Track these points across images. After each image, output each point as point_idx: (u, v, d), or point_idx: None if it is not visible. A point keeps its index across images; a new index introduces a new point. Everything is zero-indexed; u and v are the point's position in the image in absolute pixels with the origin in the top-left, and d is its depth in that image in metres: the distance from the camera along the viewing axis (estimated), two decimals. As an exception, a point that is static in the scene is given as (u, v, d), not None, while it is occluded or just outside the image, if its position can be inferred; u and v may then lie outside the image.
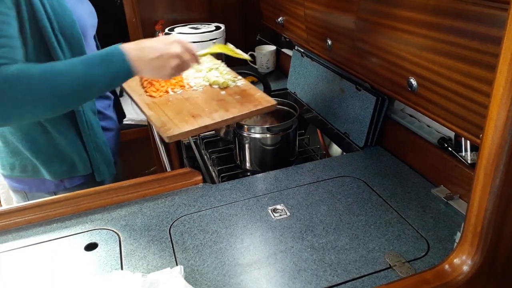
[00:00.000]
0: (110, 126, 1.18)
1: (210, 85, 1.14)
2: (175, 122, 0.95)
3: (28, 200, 1.09)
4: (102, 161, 1.09)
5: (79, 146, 1.05)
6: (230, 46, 1.13)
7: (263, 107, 1.03)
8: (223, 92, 1.09)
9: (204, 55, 1.03)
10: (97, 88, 0.86)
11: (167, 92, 1.10)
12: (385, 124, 1.13)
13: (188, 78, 1.15)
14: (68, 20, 0.94)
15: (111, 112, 1.20)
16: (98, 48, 1.20)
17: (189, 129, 0.94)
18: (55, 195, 1.08)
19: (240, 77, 1.17)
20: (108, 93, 1.20)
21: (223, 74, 1.17)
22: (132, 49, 0.86)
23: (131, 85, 1.15)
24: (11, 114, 0.78)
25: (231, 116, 0.98)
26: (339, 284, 0.71)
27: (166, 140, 0.93)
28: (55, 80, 0.79)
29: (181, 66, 0.89)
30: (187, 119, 0.97)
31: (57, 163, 1.05)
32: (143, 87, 1.13)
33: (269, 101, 1.05)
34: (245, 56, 1.10)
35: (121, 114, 1.32)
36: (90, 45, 1.09)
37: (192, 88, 1.13)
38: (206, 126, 0.96)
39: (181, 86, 1.12)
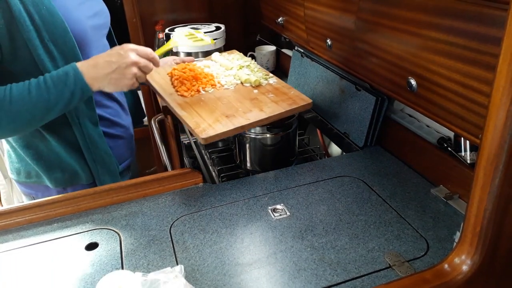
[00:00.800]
0: (119, 133, 1.15)
1: (242, 83, 1.11)
2: (209, 123, 0.94)
3: None
4: (105, 172, 1.07)
5: (79, 157, 1.04)
6: (191, 31, 1.10)
7: (298, 106, 1.00)
8: (255, 91, 1.07)
9: (160, 53, 1.01)
10: (56, 110, 0.88)
11: (198, 91, 1.08)
12: (385, 124, 1.13)
13: (218, 77, 1.13)
14: (59, 29, 0.91)
15: (120, 118, 1.16)
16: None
17: (224, 130, 0.92)
18: None
19: (271, 74, 1.15)
20: (118, 98, 1.16)
21: (254, 72, 1.14)
22: (85, 67, 0.87)
23: (161, 83, 1.12)
24: None
25: (266, 116, 0.96)
26: (338, 284, 0.72)
27: (202, 142, 0.92)
28: (12, 107, 0.83)
29: (140, 73, 0.90)
30: (220, 119, 0.95)
31: (59, 172, 1.04)
32: (174, 86, 1.11)
33: (304, 99, 1.02)
34: (206, 40, 1.07)
35: (140, 113, 1.30)
36: (97, 47, 1.06)
37: (224, 87, 1.11)
38: (242, 127, 0.94)
39: (212, 85, 1.10)
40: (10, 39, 0.87)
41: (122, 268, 0.78)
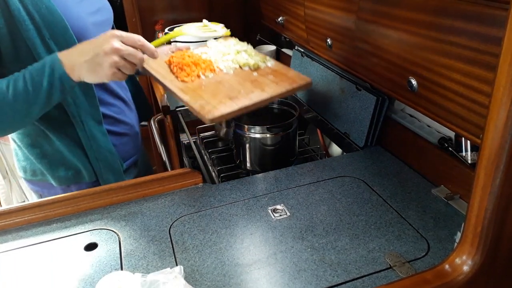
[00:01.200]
0: (123, 130, 1.14)
1: (241, 67, 1.12)
2: (213, 105, 0.94)
3: None
4: (108, 171, 1.07)
5: (81, 155, 1.03)
6: (205, 22, 1.11)
7: (298, 86, 1.01)
8: (255, 74, 1.08)
9: (159, 43, 0.99)
10: (38, 103, 0.84)
11: (198, 76, 1.08)
12: (385, 124, 1.13)
13: (217, 62, 1.14)
14: (60, 27, 0.90)
15: (125, 116, 1.15)
16: None
17: (229, 111, 0.92)
18: None
19: (269, 57, 1.16)
20: (123, 95, 1.15)
21: (252, 55, 1.15)
22: (65, 55, 0.83)
23: (160, 71, 1.14)
24: None
25: (268, 96, 0.97)
26: (339, 284, 0.71)
27: (207, 122, 0.91)
28: None
29: (123, 62, 0.82)
30: (224, 101, 0.95)
31: (62, 170, 1.04)
32: (173, 73, 1.12)
33: (303, 78, 1.03)
34: (221, 31, 1.08)
35: (146, 109, 1.29)
36: None
37: (223, 71, 1.11)
38: (246, 107, 0.94)
39: (211, 70, 1.10)
40: (11, 39, 0.86)
41: (122, 268, 0.77)
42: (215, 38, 1.26)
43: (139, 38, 0.85)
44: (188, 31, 1.10)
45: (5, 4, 0.84)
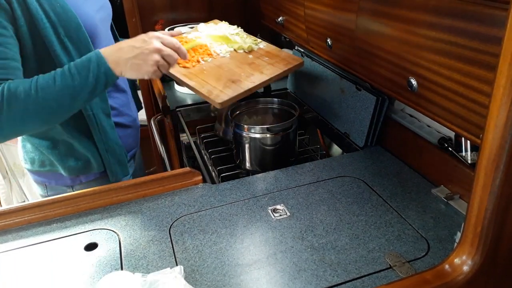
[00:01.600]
0: (127, 122, 1.18)
1: (235, 50, 1.17)
2: (220, 89, 0.98)
3: (47, 192, 1.15)
4: (115, 162, 1.10)
5: (91, 147, 1.06)
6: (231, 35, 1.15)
7: (292, 66, 1.08)
8: (250, 56, 1.13)
9: (189, 47, 1.05)
10: (82, 97, 0.88)
11: (198, 61, 1.12)
12: (385, 124, 1.13)
13: (212, 46, 1.17)
14: (73, 24, 0.94)
15: (128, 109, 1.20)
16: (116, 38, 1.22)
17: (236, 94, 0.97)
18: (73, 189, 1.13)
19: (260, 40, 1.21)
20: (125, 88, 1.19)
21: (244, 38, 1.20)
22: (109, 52, 0.88)
23: None
24: (5, 132, 0.84)
25: (268, 78, 1.03)
26: (339, 284, 0.71)
27: (218, 107, 0.96)
28: (38, 96, 0.83)
29: (163, 61, 0.89)
30: (228, 84, 1.00)
31: (72, 160, 1.07)
32: None
33: (296, 59, 1.09)
34: (245, 44, 1.13)
35: (137, 103, 1.32)
36: (105, 39, 1.09)
37: (220, 55, 1.15)
38: (249, 90, 1.00)
39: (209, 55, 1.14)
40: (31, 37, 0.90)
41: (122, 268, 0.77)
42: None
43: (176, 42, 0.92)
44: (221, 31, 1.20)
45: (25, 3, 0.87)
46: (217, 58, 1.14)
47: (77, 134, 1.04)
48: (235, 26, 1.28)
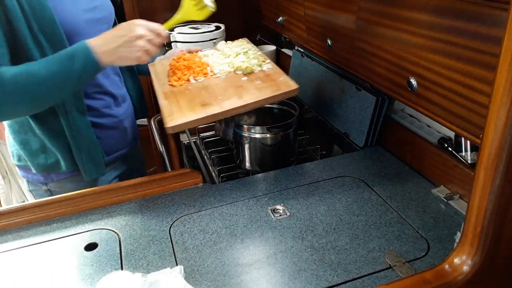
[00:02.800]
0: (110, 124, 1.16)
1: (234, 71, 1.10)
2: (183, 112, 0.93)
3: (29, 187, 1.15)
4: (88, 161, 1.08)
5: (63, 145, 1.05)
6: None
7: (282, 93, 0.97)
8: (244, 78, 1.05)
9: (169, 26, 1.03)
10: (69, 84, 0.92)
11: (188, 80, 1.08)
12: (385, 124, 1.13)
13: (214, 65, 1.13)
14: (48, 19, 0.93)
15: (112, 109, 1.17)
16: None
17: (194, 119, 0.90)
18: (47, 186, 1.12)
19: (268, 60, 1.13)
20: (113, 91, 1.16)
21: (250, 58, 1.13)
22: (96, 41, 0.91)
23: (159, 73, 1.14)
24: None
25: (242, 104, 0.94)
26: (339, 284, 0.71)
27: (168, 131, 0.91)
28: (26, 82, 0.87)
29: (148, 45, 0.92)
30: (196, 108, 0.94)
31: (42, 158, 1.07)
32: (168, 76, 1.12)
33: (290, 85, 0.98)
34: (209, 4, 1.09)
35: (143, 108, 1.31)
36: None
37: (216, 75, 1.10)
38: (214, 115, 0.92)
39: (204, 74, 1.10)
40: (4, 28, 0.90)
41: (122, 268, 0.77)
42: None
43: (158, 26, 0.96)
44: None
45: None
46: (211, 78, 1.08)
47: (50, 131, 1.03)
48: (249, 45, 1.22)
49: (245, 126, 1.12)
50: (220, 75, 1.09)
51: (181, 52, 1.23)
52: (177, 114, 0.93)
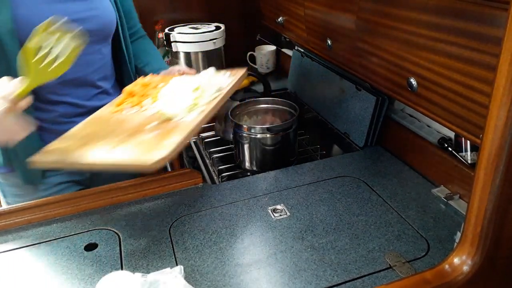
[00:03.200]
0: (66, 129, 0.98)
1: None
2: (66, 147, 0.82)
3: None
4: (18, 166, 1.01)
5: None
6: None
7: (143, 160, 0.75)
8: (153, 123, 0.88)
9: (22, 95, 0.75)
10: None
11: (121, 110, 0.95)
12: (385, 124, 1.13)
13: (162, 98, 0.96)
14: (5, 29, 0.87)
15: (77, 119, 1.01)
16: (112, 55, 1.11)
17: (54, 160, 0.79)
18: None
19: (205, 107, 0.92)
20: (78, 102, 1.05)
21: (183, 101, 0.92)
22: None
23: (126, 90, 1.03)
24: None
25: (97, 162, 0.78)
26: (339, 284, 0.71)
27: (30, 166, 0.80)
28: None
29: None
30: (77, 145, 0.82)
31: None
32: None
33: (160, 153, 0.76)
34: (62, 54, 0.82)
35: None
36: (93, 53, 1.01)
37: (144, 109, 0.94)
38: (71, 163, 0.80)
39: (140, 105, 0.96)
40: None
41: (122, 268, 0.77)
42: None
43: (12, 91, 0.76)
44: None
45: None
46: (137, 112, 0.93)
47: None
48: (222, 79, 1.03)
49: (245, 126, 1.12)
50: (149, 112, 0.93)
51: (178, 72, 1.13)
52: (60, 149, 0.81)
